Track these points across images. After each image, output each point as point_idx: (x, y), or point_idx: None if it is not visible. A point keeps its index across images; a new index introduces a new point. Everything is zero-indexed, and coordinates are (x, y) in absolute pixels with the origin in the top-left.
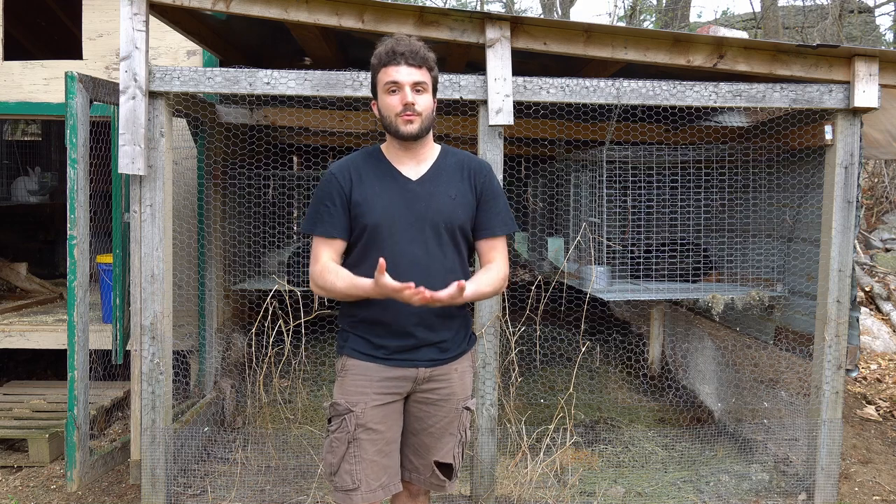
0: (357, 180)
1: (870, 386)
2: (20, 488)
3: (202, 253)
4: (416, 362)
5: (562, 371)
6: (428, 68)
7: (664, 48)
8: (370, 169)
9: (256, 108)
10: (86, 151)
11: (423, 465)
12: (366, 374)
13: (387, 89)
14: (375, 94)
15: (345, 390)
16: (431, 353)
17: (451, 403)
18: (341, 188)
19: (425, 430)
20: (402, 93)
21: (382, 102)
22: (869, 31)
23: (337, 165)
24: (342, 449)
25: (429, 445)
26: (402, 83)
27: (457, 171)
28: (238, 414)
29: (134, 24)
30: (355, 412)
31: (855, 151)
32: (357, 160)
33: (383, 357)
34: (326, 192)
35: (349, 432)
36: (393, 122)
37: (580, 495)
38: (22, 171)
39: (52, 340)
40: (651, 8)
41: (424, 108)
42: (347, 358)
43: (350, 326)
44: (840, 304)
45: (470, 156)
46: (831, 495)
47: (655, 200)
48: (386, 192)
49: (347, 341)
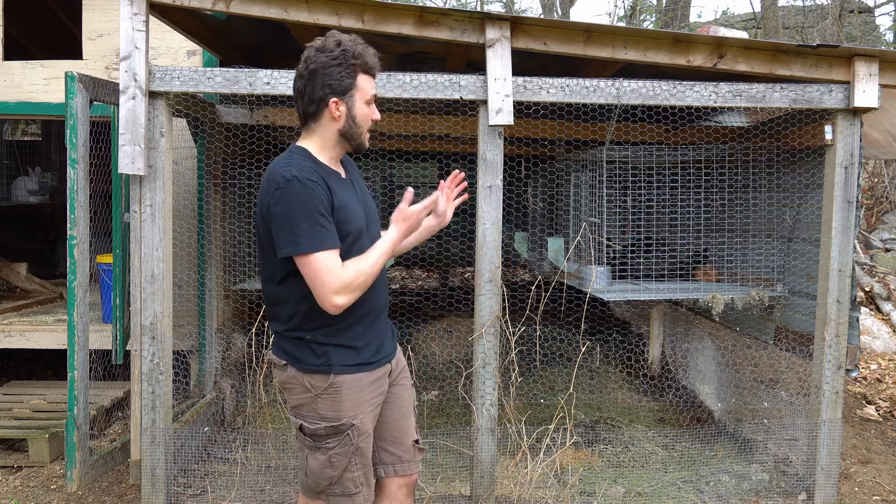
0: (330, 186)
1: (870, 386)
2: (20, 488)
3: (202, 253)
4: (387, 357)
5: (562, 371)
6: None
7: (664, 48)
8: (324, 174)
9: (256, 108)
10: (86, 151)
11: (405, 450)
12: (358, 385)
13: (368, 101)
14: (346, 95)
15: (341, 407)
16: (391, 344)
17: (407, 381)
18: (327, 196)
19: (400, 413)
20: (373, 108)
21: (361, 111)
22: (869, 31)
23: (306, 173)
24: (345, 461)
25: (405, 427)
26: (374, 98)
27: (352, 167)
28: (238, 414)
29: (134, 24)
30: (357, 425)
31: (855, 151)
32: (311, 165)
33: (367, 362)
34: (319, 202)
35: (353, 445)
36: (362, 134)
37: (580, 495)
38: (22, 171)
39: (52, 340)
40: (651, 8)
41: None
42: (336, 376)
43: (326, 337)
44: (840, 304)
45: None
46: (831, 495)
47: (655, 200)
48: (349, 197)
49: (329, 357)
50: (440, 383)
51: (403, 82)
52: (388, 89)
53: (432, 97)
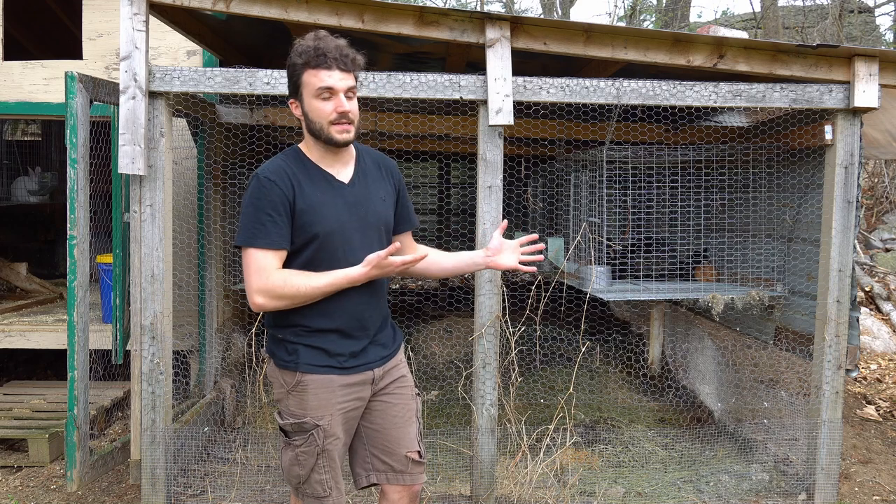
0: (297, 187)
1: (870, 386)
2: (20, 488)
3: (202, 253)
4: (369, 364)
5: (562, 371)
6: (356, 73)
7: (664, 48)
8: (303, 174)
9: (256, 108)
10: (86, 151)
11: (398, 461)
12: (327, 386)
13: (318, 94)
14: (299, 95)
15: (307, 406)
16: (378, 352)
17: (406, 391)
18: (284, 196)
19: (391, 423)
20: (336, 99)
21: (311, 107)
22: (869, 31)
23: (271, 171)
24: (311, 461)
25: (398, 438)
26: (336, 90)
27: (377, 171)
28: (238, 414)
29: (134, 24)
30: (322, 426)
31: (855, 151)
32: (288, 165)
33: (339, 366)
34: (268, 201)
35: (318, 445)
36: (325, 129)
37: (580, 495)
38: (22, 171)
39: (52, 340)
40: (651, 8)
41: (356, 114)
42: (303, 374)
43: (296, 337)
44: (840, 304)
45: (380, 154)
46: (831, 495)
47: (655, 200)
48: (329, 198)
49: (298, 355)
50: (440, 383)
51: (403, 82)
52: (389, 89)
53: (432, 97)
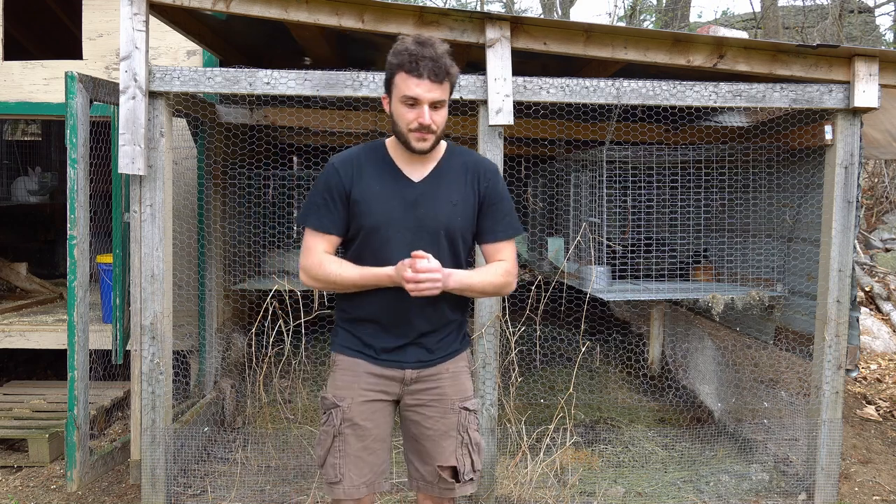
0: (358, 177)
1: (870, 386)
2: (20, 488)
3: (202, 253)
4: (402, 363)
5: (562, 371)
6: (450, 83)
7: (664, 48)
8: (372, 166)
9: (256, 108)
10: (86, 151)
11: (429, 472)
12: (353, 369)
13: (404, 101)
14: (390, 92)
15: (335, 385)
16: (418, 354)
17: (443, 405)
18: (341, 183)
19: (424, 435)
20: (419, 109)
21: (396, 110)
22: (869, 31)
23: (339, 158)
24: (328, 442)
25: (430, 450)
26: (421, 101)
27: (461, 174)
28: (238, 414)
29: (134, 24)
30: (342, 407)
31: (855, 151)
32: (360, 155)
33: (370, 356)
34: (326, 186)
35: (335, 426)
36: (404, 134)
37: (580, 495)
38: (22, 171)
39: (52, 340)
40: (651, 8)
41: (440, 125)
42: (337, 354)
43: (342, 322)
44: (840, 304)
45: (477, 157)
46: (831, 495)
47: (655, 200)
48: (386, 192)
49: (338, 337)
50: None
51: None
52: None
53: None
